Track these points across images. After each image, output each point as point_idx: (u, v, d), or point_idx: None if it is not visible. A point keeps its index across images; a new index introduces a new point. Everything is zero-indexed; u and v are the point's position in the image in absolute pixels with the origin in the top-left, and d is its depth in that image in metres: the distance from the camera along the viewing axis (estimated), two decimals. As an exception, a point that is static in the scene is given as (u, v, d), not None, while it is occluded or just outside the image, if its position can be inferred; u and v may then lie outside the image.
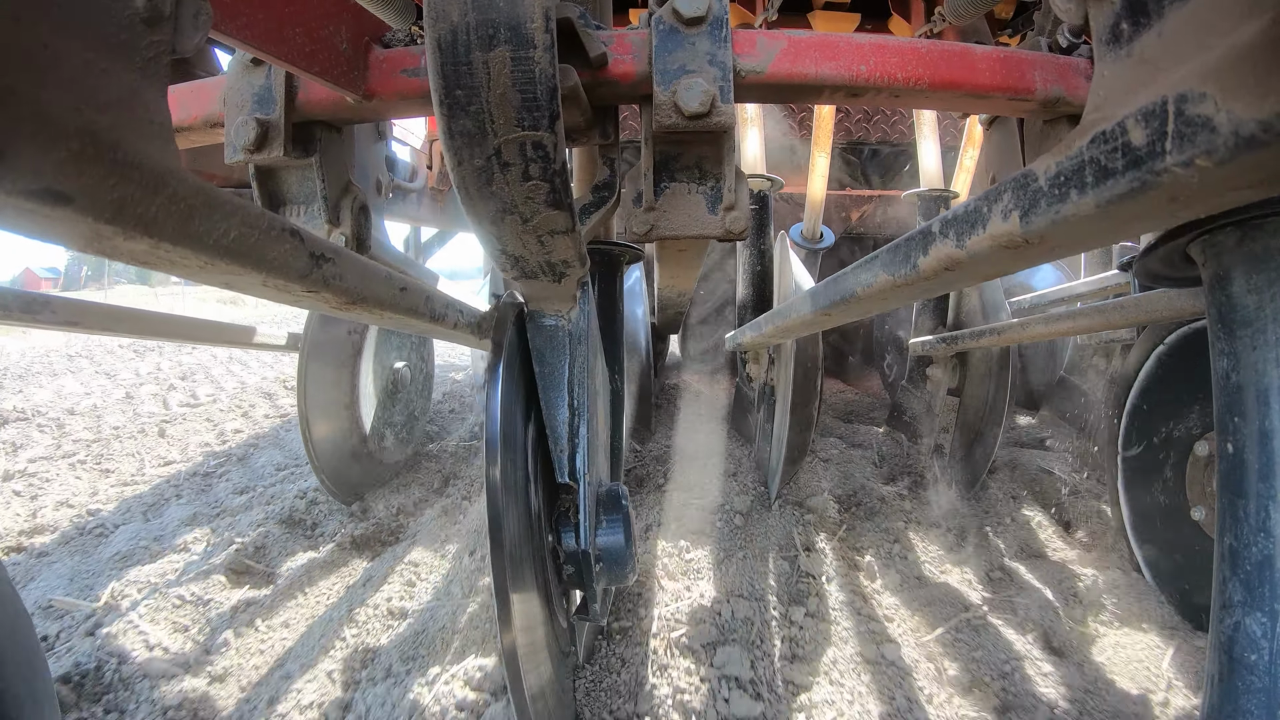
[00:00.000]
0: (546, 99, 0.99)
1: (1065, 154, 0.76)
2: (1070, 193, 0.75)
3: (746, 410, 4.25)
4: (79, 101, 0.66)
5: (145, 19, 0.77)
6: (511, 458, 1.37)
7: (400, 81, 1.55)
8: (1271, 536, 1.13)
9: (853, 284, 1.46)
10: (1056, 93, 1.62)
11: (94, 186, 0.66)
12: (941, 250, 1.06)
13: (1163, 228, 0.76)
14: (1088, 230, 0.77)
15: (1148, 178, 0.64)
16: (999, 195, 0.90)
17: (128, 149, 0.69)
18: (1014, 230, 0.86)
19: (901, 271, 1.20)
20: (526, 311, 1.52)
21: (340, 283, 1.18)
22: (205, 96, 1.71)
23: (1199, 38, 0.68)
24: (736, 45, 1.46)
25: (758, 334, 2.76)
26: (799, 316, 1.97)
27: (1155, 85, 0.64)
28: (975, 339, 3.29)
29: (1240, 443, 1.19)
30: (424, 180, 4.52)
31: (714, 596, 2.50)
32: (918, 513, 3.57)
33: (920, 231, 1.14)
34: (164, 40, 0.81)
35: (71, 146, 0.63)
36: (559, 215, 1.15)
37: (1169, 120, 0.61)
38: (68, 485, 4.18)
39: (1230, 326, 1.20)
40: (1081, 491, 3.73)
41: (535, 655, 1.42)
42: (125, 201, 0.69)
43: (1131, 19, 0.82)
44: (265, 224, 0.95)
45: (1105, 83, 0.87)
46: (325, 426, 3.57)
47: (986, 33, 3.05)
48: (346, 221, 1.76)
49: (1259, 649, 1.13)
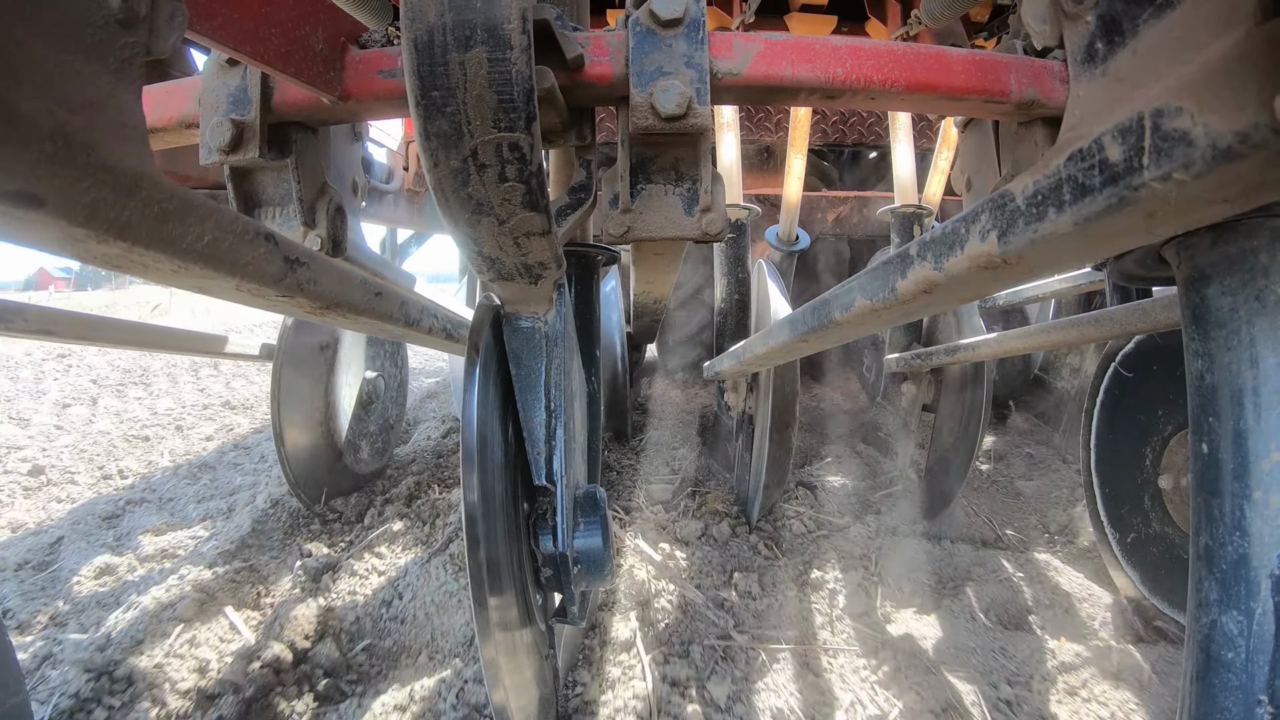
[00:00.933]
0: (523, 100, 0.99)
1: (1042, 173, 0.76)
2: (1048, 211, 0.75)
3: (725, 439, 4.25)
4: (53, 103, 0.66)
5: (120, 20, 0.77)
6: (488, 461, 1.36)
7: (377, 82, 1.55)
8: (1246, 535, 1.14)
9: (831, 309, 1.47)
10: (1031, 95, 1.63)
11: (67, 189, 0.65)
12: (920, 273, 1.06)
13: (1141, 244, 0.76)
14: (1067, 249, 0.78)
15: (1125, 193, 0.65)
16: (976, 216, 0.90)
17: (102, 151, 0.69)
18: (992, 251, 0.87)
19: (880, 296, 1.21)
20: (503, 314, 1.52)
21: (315, 287, 1.18)
22: (180, 97, 1.69)
23: (1173, 54, 0.69)
24: (713, 47, 1.46)
25: (736, 362, 2.77)
26: (777, 343, 1.98)
27: (1131, 102, 0.64)
28: (950, 355, 3.30)
29: (1215, 442, 1.20)
30: (400, 182, 4.52)
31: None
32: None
33: (898, 255, 1.14)
34: (139, 42, 0.80)
35: (45, 148, 0.62)
36: (535, 217, 1.15)
37: (1145, 135, 0.62)
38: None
39: (1205, 328, 1.22)
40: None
41: (515, 659, 1.42)
42: (99, 204, 0.69)
43: (1106, 38, 0.83)
44: (240, 228, 0.95)
45: (1081, 102, 0.88)
46: (299, 437, 3.57)
47: (962, 35, 3.08)
48: (322, 224, 1.75)
49: (1236, 647, 1.14)
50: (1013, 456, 4.60)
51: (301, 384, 3.61)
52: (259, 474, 4.76)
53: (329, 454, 3.78)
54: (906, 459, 4.22)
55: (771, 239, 4.64)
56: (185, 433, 6.19)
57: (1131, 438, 2.71)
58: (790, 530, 3.51)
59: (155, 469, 5.04)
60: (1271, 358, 1.15)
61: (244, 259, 0.97)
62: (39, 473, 4.78)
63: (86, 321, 2.65)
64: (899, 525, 3.60)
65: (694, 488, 3.98)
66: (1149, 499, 2.60)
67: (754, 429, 3.62)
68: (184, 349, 3.39)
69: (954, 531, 3.60)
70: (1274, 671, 1.11)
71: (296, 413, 3.58)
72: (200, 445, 5.74)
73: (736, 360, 2.75)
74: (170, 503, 4.28)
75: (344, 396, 3.91)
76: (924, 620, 2.73)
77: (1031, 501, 4.02)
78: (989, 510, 3.91)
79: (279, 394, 3.46)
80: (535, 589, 1.56)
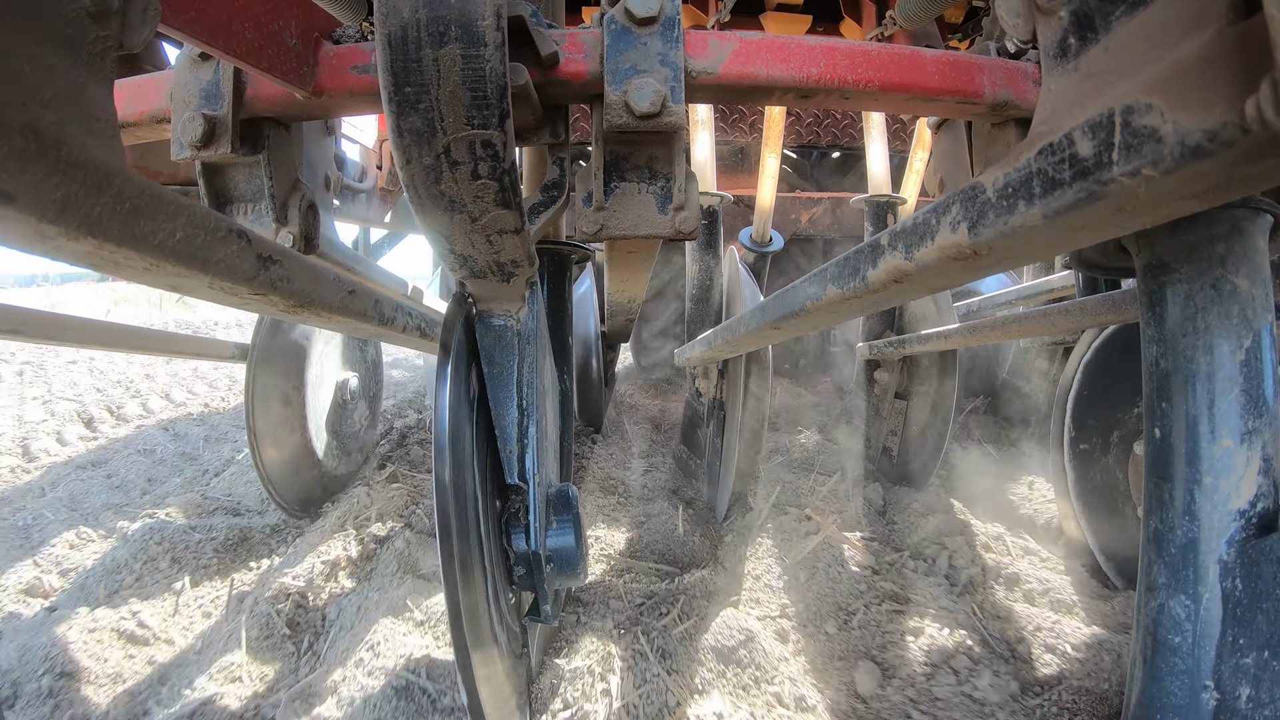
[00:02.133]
0: (496, 97, 0.99)
1: (1013, 166, 0.77)
2: (1018, 204, 0.76)
3: (696, 425, 4.25)
4: (23, 97, 0.65)
5: (92, 13, 0.76)
6: (460, 458, 1.36)
7: (350, 78, 1.54)
8: (1196, 520, 1.16)
9: (802, 297, 1.48)
10: (1005, 96, 1.65)
11: (37, 185, 0.64)
12: (890, 262, 1.07)
13: (1109, 237, 0.77)
14: (1036, 241, 0.79)
15: (1095, 188, 0.65)
16: (947, 207, 0.91)
17: (72, 146, 0.68)
18: (962, 242, 0.88)
19: (851, 284, 1.22)
20: (475, 312, 1.52)
21: (288, 285, 1.17)
22: (152, 91, 1.68)
23: (1145, 51, 0.70)
24: (688, 46, 1.46)
25: (707, 349, 2.77)
26: (748, 331, 1.99)
27: (1102, 98, 0.65)
28: (923, 343, 3.32)
29: (1167, 428, 1.23)
30: (373, 180, 4.47)
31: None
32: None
33: (869, 244, 1.15)
34: (111, 35, 0.80)
35: (14, 143, 0.62)
36: (508, 214, 1.15)
37: (1116, 131, 0.62)
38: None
39: (1161, 314, 1.24)
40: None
41: (487, 657, 1.42)
42: (69, 200, 0.68)
43: (1079, 34, 0.83)
44: (212, 225, 0.94)
45: (1052, 96, 0.89)
46: (275, 445, 3.51)
47: (937, 37, 3.09)
48: (294, 220, 1.74)
49: (1183, 631, 1.16)
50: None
51: (275, 387, 3.54)
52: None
53: (307, 460, 3.71)
54: (878, 445, 4.25)
55: (745, 241, 4.64)
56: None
57: (1101, 431, 2.74)
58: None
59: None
60: (1224, 345, 1.17)
61: (216, 256, 0.97)
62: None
63: (57, 321, 2.61)
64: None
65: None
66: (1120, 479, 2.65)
67: (724, 415, 3.63)
68: (157, 349, 3.32)
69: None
70: (1220, 657, 1.12)
71: (271, 418, 3.50)
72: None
73: (707, 346, 2.75)
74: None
75: (319, 398, 3.84)
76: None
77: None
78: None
79: (253, 399, 3.39)
80: (508, 587, 1.56)
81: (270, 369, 3.50)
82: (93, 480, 4.51)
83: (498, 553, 1.52)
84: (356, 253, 2.74)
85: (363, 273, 2.52)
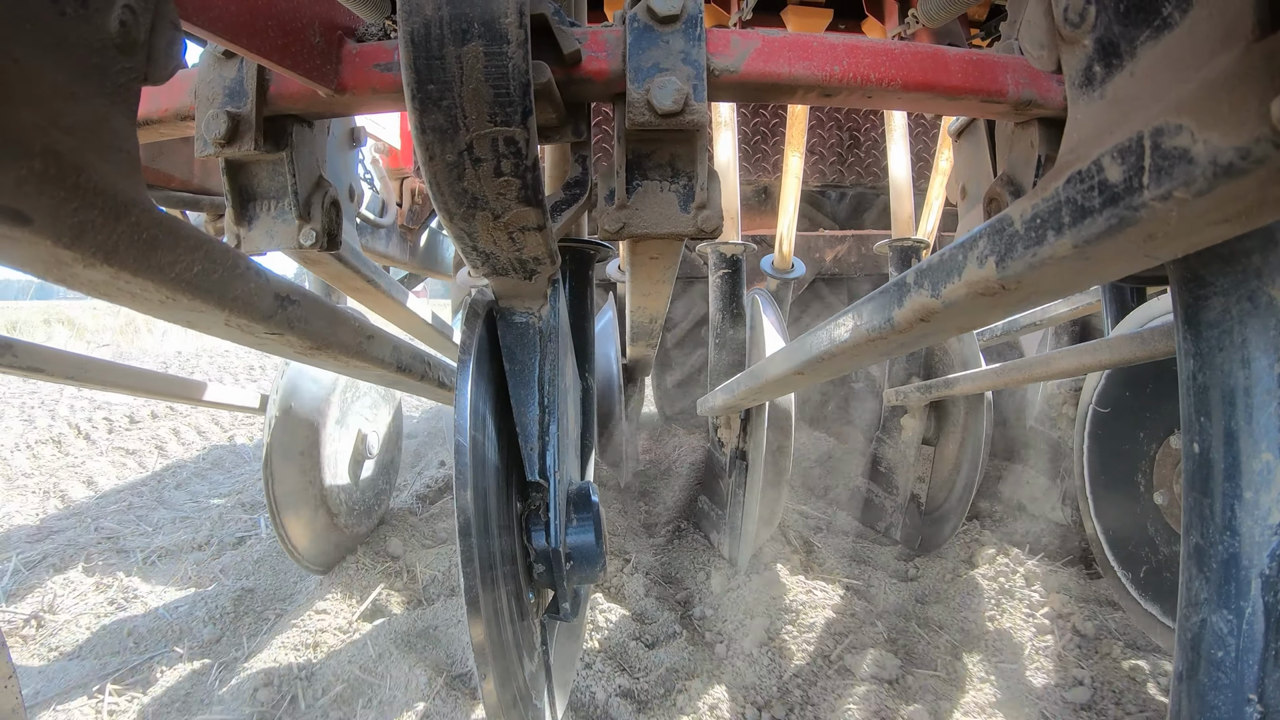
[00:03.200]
0: (519, 94, 0.99)
1: (1041, 196, 0.76)
2: (1047, 234, 0.75)
3: (718, 475, 4.22)
4: (45, 121, 0.66)
5: (118, 45, 0.77)
6: (480, 455, 1.36)
7: (373, 76, 1.54)
8: (1237, 535, 1.14)
9: (825, 341, 1.47)
10: (1029, 95, 1.63)
11: (55, 208, 0.65)
12: (917, 301, 1.07)
13: (1142, 268, 0.76)
14: (1066, 273, 0.78)
15: (1126, 214, 0.65)
16: (974, 242, 0.91)
17: (92, 174, 0.69)
18: (991, 276, 0.87)
19: (876, 325, 1.21)
20: (496, 309, 1.52)
21: (305, 325, 1.18)
22: (175, 89, 1.69)
23: (1172, 74, 0.69)
24: (711, 44, 1.46)
25: (730, 396, 2.77)
26: (772, 376, 1.98)
27: (1130, 123, 0.64)
28: (949, 387, 3.29)
29: (1206, 442, 1.20)
30: (394, 216, 4.44)
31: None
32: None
33: (894, 283, 1.15)
34: (136, 68, 0.80)
35: (34, 166, 0.62)
36: (530, 212, 1.15)
37: (1145, 154, 0.62)
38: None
39: (1197, 328, 1.22)
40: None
41: (505, 655, 1.42)
42: (86, 226, 0.69)
43: (1103, 61, 0.82)
44: (230, 261, 0.95)
45: (1079, 125, 0.88)
46: (295, 504, 3.44)
47: (960, 34, 3.07)
48: (318, 217, 1.74)
49: (1225, 646, 1.14)
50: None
51: (296, 443, 3.44)
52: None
53: (325, 519, 3.61)
54: (905, 493, 4.20)
55: (767, 267, 4.58)
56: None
57: (1121, 468, 2.68)
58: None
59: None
60: (1263, 359, 1.15)
61: (233, 292, 0.97)
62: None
63: (78, 362, 2.60)
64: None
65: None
66: (1151, 524, 2.58)
67: (747, 466, 3.60)
68: (179, 396, 3.27)
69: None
70: (1263, 670, 1.11)
71: (291, 477, 3.40)
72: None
73: (730, 395, 2.74)
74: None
75: (338, 453, 3.76)
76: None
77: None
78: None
79: (272, 458, 3.29)
80: (528, 585, 1.56)
81: (289, 423, 3.44)
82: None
83: (518, 550, 1.52)
84: (379, 266, 2.71)
85: (384, 288, 2.50)
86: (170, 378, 3.32)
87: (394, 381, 1.65)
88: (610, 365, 4.56)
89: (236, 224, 1.72)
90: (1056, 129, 1.67)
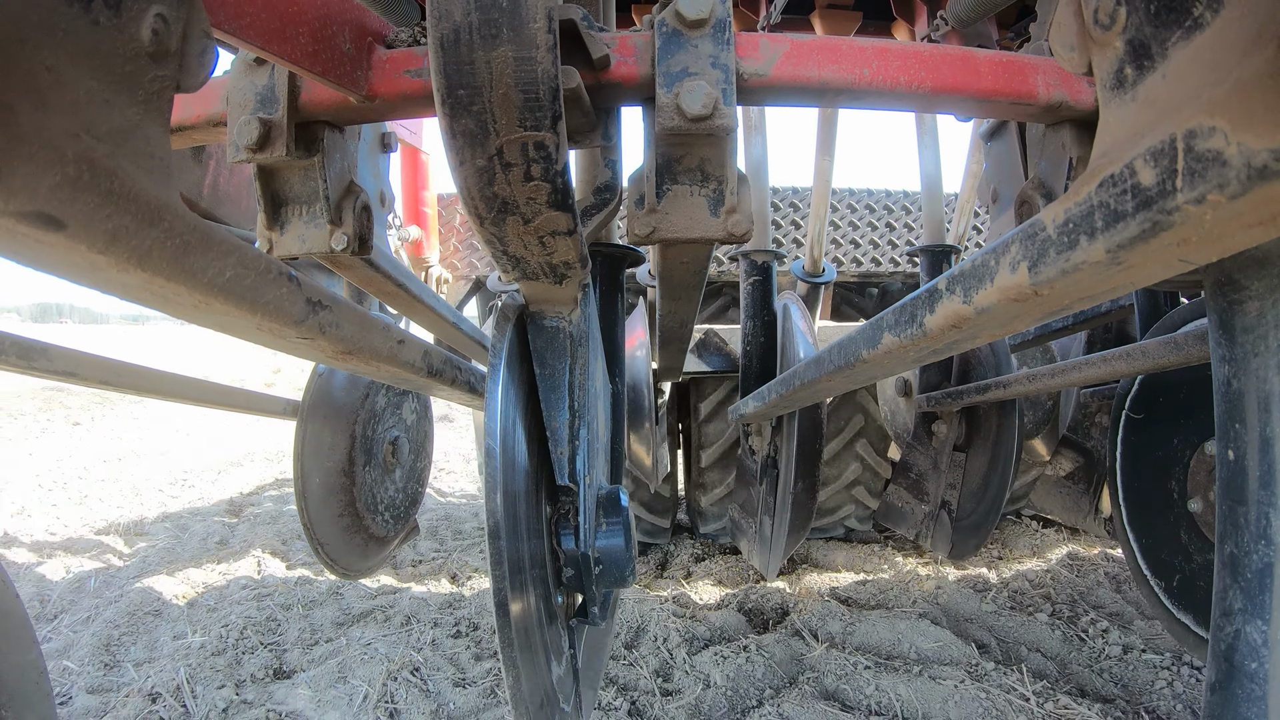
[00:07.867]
0: (549, 99, 0.99)
1: (1073, 200, 0.76)
2: (1080, 239, 0.75)
3: (748, 484, 4.20)
4: (79, 128, 0.66)
5: (151, 54, 0.78)
6: (510, 459, 1.36)
7: (403, 82, 1.55)
8: (1272, 544, 1.13)
9: (857, 348, 1.46)
10: (1059, 97, 1.62)
11: (88, 214, 0.66)
12: (949, 307, 1.06)
13: (1175, 273, 0.75)
14: (1098, 278, 0.77)
15: (1159, 218, 0.64)
16: (1006, 247, 0.90)
17: (125, 179, 0.69)
18: (1023, 283, 0.86)
19: (908, 332, 1.21)
20: (527, 313, 1.52)
21: (336, 330, 1.19)
22: (208, 96, 1.71)
23: (1204, 75, 0.68)
24: (739, 48, 1.46)
25: (761, 404, 2.76)
26: (803, 384, 1.97)
27: (1162, 125, 0.63)
28: (981, 393, 3.27)
29: (1241, 450, 1.18)
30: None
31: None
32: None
33: (926, 289, 1.14)
34: (169, 76, 0.81)
35: (68, 171, 0.63)
36: (561, 216, 1.15)
37: (1179, 157, 0.61)
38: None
39: (1232, 333, 1.20)
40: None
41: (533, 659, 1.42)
42: (120, 232, 0.70)
43: (1135, 63, 0.81)
44: (262, 266, 0.96)
45: (1111, 129, 0.87)
46: (325, 510, 3.35)
47: (990, 36, 3.05)
48: (349, 221, 1.75)
49: (1260, 656, 1.12)
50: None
51: (325, 447, 3.35)
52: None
53: (354, 524, 3.52)
54: (936, 501, 4.16)
55: (797, 271, 4.56)
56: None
57: (1154, 477, 2.65)
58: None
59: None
60: (1298, 364, 1.13)
61: (266, 297, 0.98)
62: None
63: (111, 366, 2.62)
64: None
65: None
66: (1184, 532, 2.54)
67: (778, 473, 3.59)
68: (213, 401, 3.28)
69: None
70: (1298, 682, 1.09)
71: (320, 481, 3.30)
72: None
73: (761, 402, 2.73)
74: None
75: (369, 457, 3.67)
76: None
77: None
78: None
79: (303, 463, 3.20)
80: (557, 589, 1.56)
81: (320, 429, 3.36)
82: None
83: (548, 553, 1.52)
84: (409, 270, 2.70)
85: (414, 291, 2.50)
86: (202, 383, 3.32)
87: (424, 386, 1.66)
88: (640, 373, 4.53)
89: (268, 228, 1.73)
90: (1088, 131, 1.66)
